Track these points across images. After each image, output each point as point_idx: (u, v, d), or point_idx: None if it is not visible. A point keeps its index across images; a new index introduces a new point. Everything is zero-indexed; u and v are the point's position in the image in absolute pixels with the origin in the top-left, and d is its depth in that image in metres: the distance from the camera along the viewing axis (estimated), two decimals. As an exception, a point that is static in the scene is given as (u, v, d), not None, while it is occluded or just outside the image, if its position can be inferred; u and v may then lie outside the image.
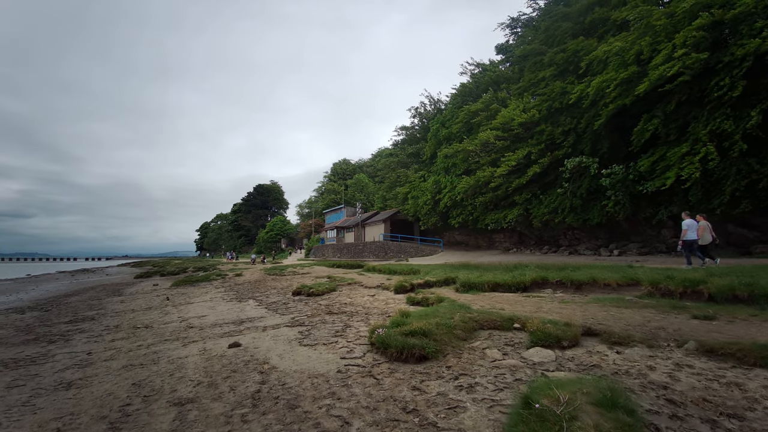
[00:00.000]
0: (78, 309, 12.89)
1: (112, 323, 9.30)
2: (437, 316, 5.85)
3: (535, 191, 22.48)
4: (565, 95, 18.80)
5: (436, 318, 5.69)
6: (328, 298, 10.57)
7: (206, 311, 9.99)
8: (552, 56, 20.37)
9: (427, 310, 6.43)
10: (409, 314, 6.10)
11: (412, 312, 6.30)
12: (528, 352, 4.60)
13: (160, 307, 11.54)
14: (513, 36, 30.17)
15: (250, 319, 8.40)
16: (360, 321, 7.19)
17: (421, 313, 6.05)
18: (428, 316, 5.87)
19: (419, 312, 6.31)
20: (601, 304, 6.40)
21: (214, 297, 13.03)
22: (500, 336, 5.39)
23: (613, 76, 15.56)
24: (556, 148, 19.79)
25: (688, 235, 10.68)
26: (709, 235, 10.67)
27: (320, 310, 8.83)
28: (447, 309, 6.35)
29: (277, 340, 6.22)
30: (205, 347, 6.07)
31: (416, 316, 5.89)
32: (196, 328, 7.83)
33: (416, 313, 6.17)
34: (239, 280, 19.32)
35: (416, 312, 6.32)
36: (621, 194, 17.43)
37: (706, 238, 10.64)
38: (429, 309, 6.49)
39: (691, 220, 10.91)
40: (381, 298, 10.06)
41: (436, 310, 6.33)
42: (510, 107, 21.56)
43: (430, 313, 6.07)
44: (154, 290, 17.51)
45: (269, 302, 10.74)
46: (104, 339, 7.55)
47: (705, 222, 10.82)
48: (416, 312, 6.32)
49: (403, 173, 36.36)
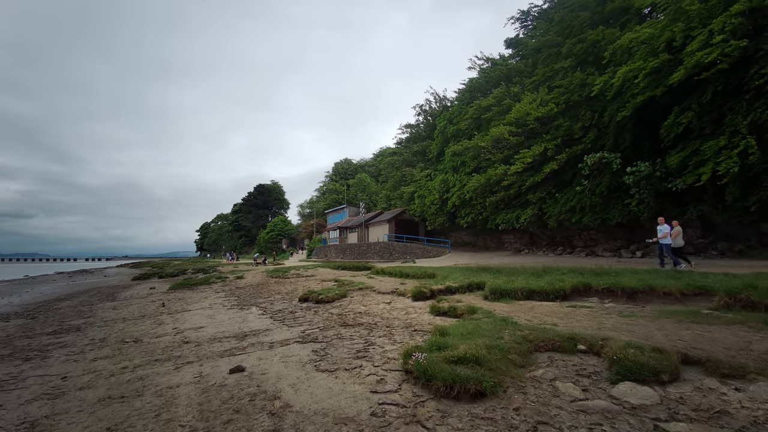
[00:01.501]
0: (66, 316, 11.88)
1: (99, 335, 8.28)
2: (482, 334, 4.82)
3: (550, 189, 21.46)
4: (585, 87, 17.77)
5: (483, 338, 4.66)
6: (340, 306, 9.55)
7: (204, 321, 8.97)
8: (570, 47, 19.34)
9: (466, 325, 5.40)
10: (447, 331, 5.07)
11: (448, 328, 5.26)
12: (617, 388, 3.57)
13: (153, 315, 10.52)
14: (523, 30, 29.13)
15: (254, 332, 7.37)
16: (383, 336, 6.16)
17: (462, 331, 5.01)
18: (472, 334, 4.83)
19: (457, 328, 5.27)
20: (675, 318, 5.38)
21: (214, 303, 12.01)
22: (564, 361, 4.36)
23: (641, 65, 14.53)
24: (574, 143, 18.76)
25: (664, 240, 11.70)
26: (681, 239, 11.79)
27: (333, 321, 7.81)
28: (490, 325, 5.32)
29: (287, 362, 5.19)
30: (202, 372, 5.04)
31: (457, 335, 4.86)
32: (192, 343, 6.80)
33: (454, 330, 5.14)
34: (240, 283, 18.29)
35: (453, 327, 5.28)
36: (646, 192, 16.40)
37: (679, 242, 11.68)
38: (468, 324, 5.45)
39: (667, 225, 11.90)
40: (399, 306, 9.03)
41: (477, 326, 5.29)
42: (524, 101, 20.53)
43: (471, 330, 5.04)
44: (150, 295, 16.49)
45: (274, 310, 9.72)
46: (85, 357, 6.52)
47: (679, 227, 11.83)
48: (453, 327, 5.28)
49: (408, 172, 35.34)
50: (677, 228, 11.69)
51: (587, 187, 18.32)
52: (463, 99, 30.08)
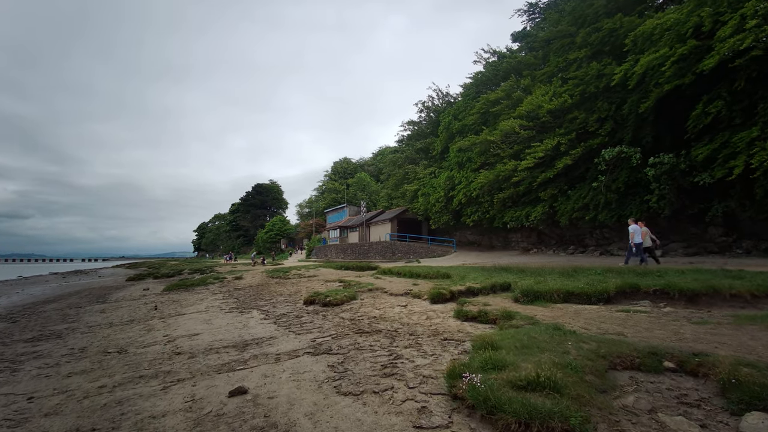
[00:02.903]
0: (49, 320, 10.90)
1: (79, 344, 7.31)
2: (542, 347, 3.91)
3: (562, 186, 20.58)
4: (603, 78, 16.90)
5: (545, 352, 3.75)
6: (350, 310, 8.62)
7: (200, 327, 8.02)
8: (585, 37, 18.47)
9: (516, 335, 4.48)
10: (495, 343, 4.14)
11: (495, 339, 4.33)
12: (746, 422, 2.67)
13: (143, 319, 9.55)
14: (530, 23, 28.32)
15: (257, 340, 6.43)
16: (409, 347, 5.24)
17: (514, 342, 4.09)
18: (529, 348, 3.92)
19: (505, 338, 4.35)
20: (763, 325, 4.48)
21: (211, 306, 11.05)
22: (654, 384, 3.46)
23: (666, 52, 13.65)
24: (590, 136, 17.89)
25: (635, 239, 12.37)
26: (649, 239, 12.59)
27: (346, 327, 6.88)
28: (544, 335, 4.41)
29: (300, 381, 4.26)
30: (195, 394, 4.10)
31: (510, 348, 3.94)
32: (184, 354, 5.85)
33: (504, 341, 4.22)
34: (239, 284, 17.33)
35: (501, 338, 4.36)
36: (667, 187, 15.53)
37: (646, 242, 12.52)
38: (517, 334, 4.54)
39: (636, 225, 12.61)
40: (417, 309, 8.11)
41: (529, 336, 4.38)
42: (536, 93, 19.65)
43: (527, 342, 4.12)
44: (143, 296, 15.50)
45: (278, 314, 8.77)
46: (60, 372, 5.57)
47: (645, 228, 12.72)
48: (501, 338, 4.36)
49: (411, 169, 34.44)
50: (644, 228, 12.63)
51: (603, 182, 17.45)
52: (469, 94, 29.20)
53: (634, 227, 12.50)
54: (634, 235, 12.37)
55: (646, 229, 12.64)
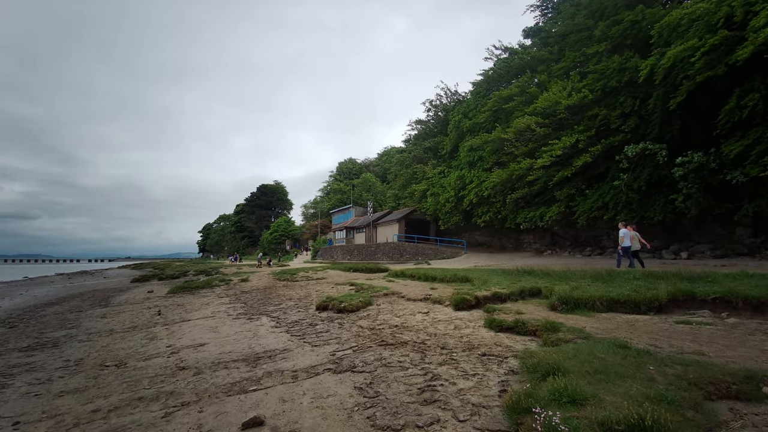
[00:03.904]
0: (48, 326, 10.36)
1: (76, 354, 6.73)
2: (619, 372, 3.24)
3: (579, 185, 19.82)
4: (625, 72, 16.15)
5: (625, 379, 3.09)
6: (367, 317, 7.98)
7: (206, 335, 7.41)
8: (604, 30, 17.73)
9: (577, 354, 3.80)
10: (558, 365, 3.47)
11: (557, 359, 3.66)
12: None
13: (146, 326, 8.97)
14: (543, 18, 27.57)
15: (269, 353, 5.80)
16: (444, 364, 4.59)
17: (583, 366, 3.42)
18: (604, 372, 3.25)
19: (567, 357, 3.68)
20: None
21: (217, 311, 10.46)
22: (759, 416, 2.79)
23: (696, 43, 12.91)
24: (611, 133, 17.13)
25: (625, 242, 12.64)
26: (638, 243, 12.83)
27: (366, 338, 6.24)
28: (615, 355, 3.74)
29: (324, 408, 3.62)
30: (202, 425, 3.47)
31: (578, 372, 3.27)
32: (189, 369, 5.24)
33: (569, 362, 3.54)
34: (246, 286, 16.76)
35: (564, 357, 3.69)
36: (695, 186, 14.75)
37: (636, 246, 12.76)
38: (577, 353, 3.87)
39: (626, 230, 12.84)
40: (440, 317, 7.45)
41: (593, 355, 3.71)
42: (552, 89, 18.92)
43: (597, 366, 3.44)
44: (147, 299, 14.97)
45: (289, 322, 8.15)
46: (51, 390, 4.98)
47: (635, 232, 12.94)
48: (564, 357, 3.69)
49: (420, 169, 33.75)
50: (633, 233, 12.84)
51: (624, 181, 16.68)
52: (479, 91, 28.49)
53: (624, 231, 12.85)
54: (623, 239, 12.76)
55: (636, 233, 12.95)
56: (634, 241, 12.69)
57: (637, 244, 12.74)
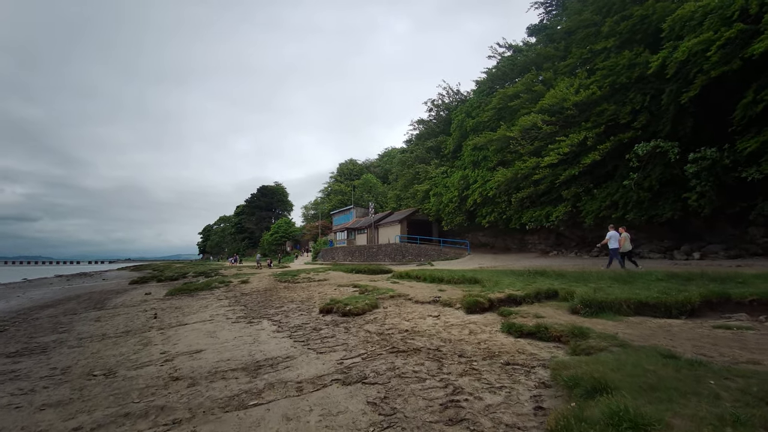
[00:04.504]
0: (39, 330, 9.91)
1: (64, 362, 6.28)
2: (677, 388, 2.80)
3: (587, 184, 19.39)
4: (635, 67, 15.74)
5: (686, 396, 2.64)
6: (374, 320, 7.53)
7: (204, 340, 6.96)
8: (612, 25, 17.32)
9: (620, 366, 3.36)
10: (605, 381, 3.02)
11: (605, 374, 3.21)
12: None
13: (140, 330, 8.51)
14: (547, 16, 27.20)
15: (271, 360, 5.35)
16: (464, 374, 4.14)
17: (636, 380, 2.98)
18: (659, 389, 2.80)
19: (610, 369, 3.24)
20: None
21: (216, 314, 10.01)
22: None
23: (711, 36, 12.50)
24: (620, 130, 16.69)
25: (611, 244, 13.01)
26: (629, 244, 13.12)
27: (375, 344, 5.80)
28: (662, 366, 3.29)
29: (335, 429, 3.17)
30: (195, 448, 3.03)
31: (631, 387, 2.82)
32: (184, 380, 4.79)
33: (615, 376, 3.10)
34: (246, 288, 16.31)
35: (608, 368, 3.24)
36: (709, 184, 14.31)
37: (627, 247, 13.02)
38: (620, 364, 3.42)
39: (614, 232, 13.19)
40: (453, 320, 7.01)
41: (641, 367, 3.26)
42: (559, 86, 18.50)
43: (651, 380, 2.99)
44: (144, 302, 14.52)
45: (292, 326, 7.69)
46: (33, 401, 4.54)
47: (626, 233, 13.21)
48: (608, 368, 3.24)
49: (422, 169, 33.32)
50: (624, 234, 13.15)
51: (635, 180, 16.24)
52: (483, 90, 28.10)
53: (612, 233, 13.18)
54: (609, 241, 13.12)
55: (627, 234, 13.21)
56: (625, 243, 12.99)
57: (628, 246, 13.06)
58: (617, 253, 13.03)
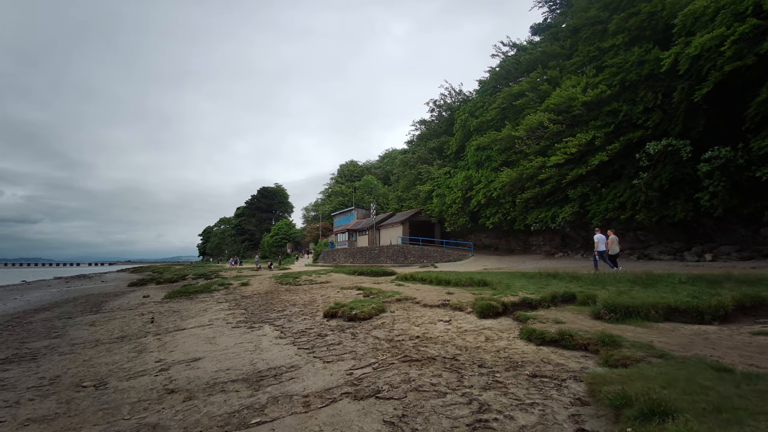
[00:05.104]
0: (32, 334, 9.53)
1: (54, 370, 5.89)
2: (749, 410, 2.41)
3: (594, 184, 19.00)
4: (644, 65, 15.39)
5: (757, 417, 2.25)
6: (382, 326, 7.14)
7: (202, 347, 6.57)
8: (620, 22, 16.99)
9: (673, 382, 2.97)
10: (666, 404, 2.63)
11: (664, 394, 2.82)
12: None
13: (136, 335, 8.12)
14: (551, 14, 26.88)
15: (274, 370, 4.97)
16: (488, 388, 3.75)
17: (698, 401, 2.59)
18: (727, 411, 2.42)
19: (660, 386, 2.85)
20: None
21: (215, 318, 9.62)
22: None
23: (724, 32, 12.15)
24: (630, 129, 16.32)
25: (599, 247, 13.30)
26: (617, 246, 13.35)
27: (385, 351, 5.42)
28: (720, 381, 2.91)
29: (349, 454, 2.79)
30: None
31: (699, 413, 2.44)
32: (180, 392, 4.40)
33: (673, 395, 2.71)
34: (246, 291, 15.92)
35: (655, 385, 2.86)
36: (721, 184, 13.93)
37: (615, 249, 13.29)
38: (670, 380, 3.03)
39: (601, 235, 13.51)
40: (465, 326, 6.62)
41: (696, 383, 2.88)
42: (566, 85, 18.15)
43: (716, 401, 2.61)
44: (142, 305, 14.12)
45: (295, 331, 7.31)
46: (17, 415, 4.15)
47: (614, 236, 13.44)
48: (655, 385, 2.86)
49: (424, 170, 32.94)
50: (612, 237, 13.35)
51: (645, 179, 15.86)
52: (486, 89, 27.76)
53: (599, 236, 13.45)
54: (598, 244, 13.33)
55: (615, 237, 13.42)
56: (613, 245, 13.27)
57: (615, 248, 13.31)
58: (604, 255, 13.28)
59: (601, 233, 13.75)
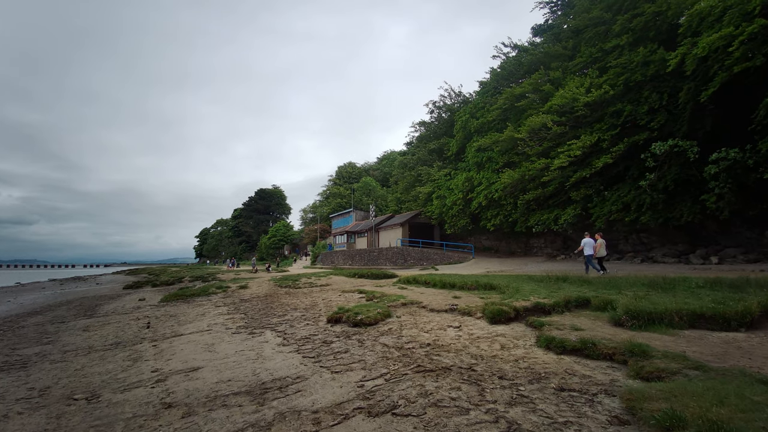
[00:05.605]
0: (23, 340, 9.16)
1: (44, 381, 5.56)
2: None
3: (598, 186, 18.81)
4: (649, 65, 15.23)
5: None
6: (390, 332, 6.85)
7: (201, 356, 6.25)
8: (624, 23, 16.85)
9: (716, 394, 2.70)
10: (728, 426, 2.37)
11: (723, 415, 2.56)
12: None
13: (131, 342, 7.78)
14: (552, 15, 26.78)
15: (279, 382, 4.66)
16: (514, 403, 3.47)
17: (757, 421, 2.32)
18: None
19: (714, 403, 2.58)
20: None
21: (214, 323, 9.28)
22: None
23: (731, 31, 12.00)
24: (635, 131, 16.15)
25: (586, 251, 13.57)
26: (604, 250, 13.61)
27: (395, 360, 5.13)
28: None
29: (370, 482, 2.50)
30: None
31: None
32: (178, 407, 4.09)
33: (721, 412, 2.44)
34: (245, 294, 15.58)
35: (707, 404, 2.59)
36: (728, 186, 13.76)
37: (602, 253, 13.50)
38: (721, 398, 2.76)
39: (589, 239, 13.79)
40: (477, 332, 6.34)
41: (751, 401, 2.60)
42: (569, 86, 17.97)
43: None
44: (138, 308, 13.75)
45: (299, 337, 7.00)
46: (5, 430, 3.84)
47: (602, 240, 13.60)
48: (707, 404, 2.59)
49: (424, 171, 32.70)
50: (600, 240, 13.53)
51: (650, 181, 15.68)
52: (487, 91, 27.60)
53: (587, 240, 13.73)
54: (585, 248, 13.62)
55: (602, 241, 13.60)
56: (600, 249, 13.46)
57: (603, 252, 13.55)
58: (592, 259, 13.48)
59: (590, 237, 13.93)
